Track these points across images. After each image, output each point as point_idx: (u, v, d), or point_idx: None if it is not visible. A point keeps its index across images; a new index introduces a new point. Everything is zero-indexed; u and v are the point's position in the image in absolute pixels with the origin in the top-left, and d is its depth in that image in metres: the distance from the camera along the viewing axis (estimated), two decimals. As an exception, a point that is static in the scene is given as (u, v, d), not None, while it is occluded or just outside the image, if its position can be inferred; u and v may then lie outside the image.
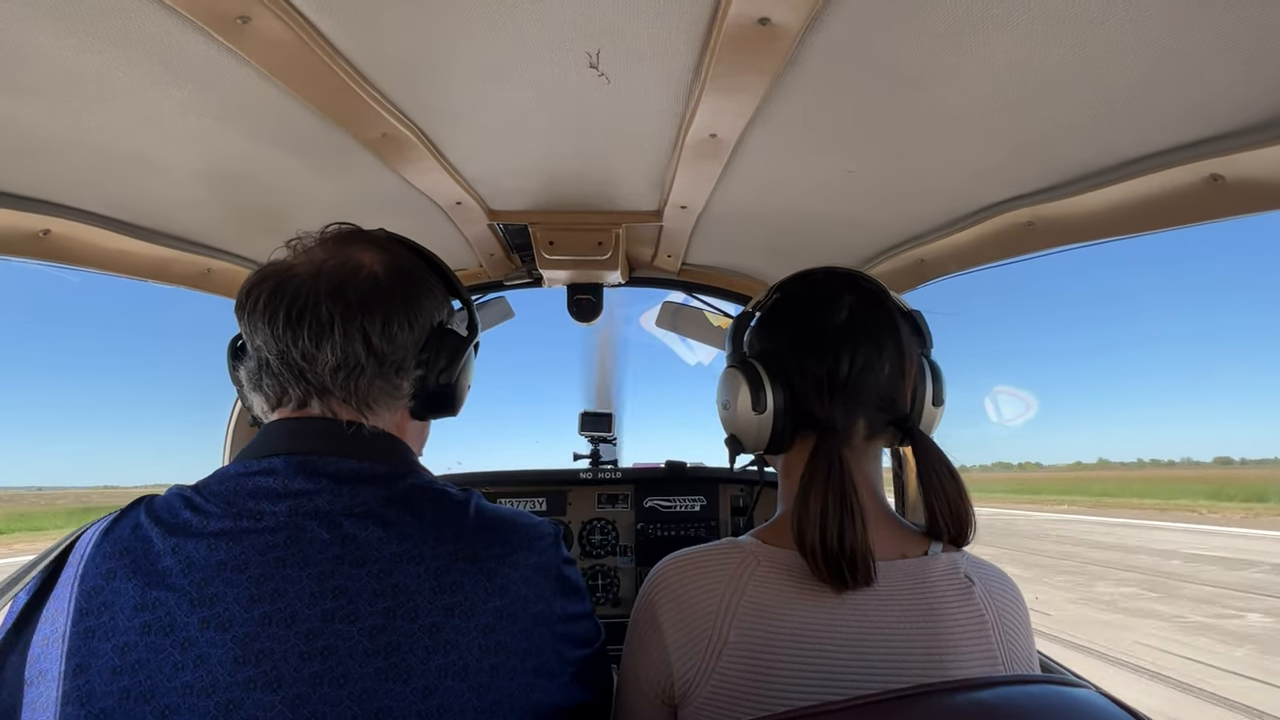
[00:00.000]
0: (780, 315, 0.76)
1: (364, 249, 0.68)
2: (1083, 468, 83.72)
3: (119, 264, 1.21)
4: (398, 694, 0.52)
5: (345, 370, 0.63)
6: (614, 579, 1.85)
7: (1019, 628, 0.68)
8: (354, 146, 0.93)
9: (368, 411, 0.65)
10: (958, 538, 0.68)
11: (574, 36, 0.68)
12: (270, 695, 0.50)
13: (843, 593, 0.62)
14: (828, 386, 0.70)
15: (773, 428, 0.71)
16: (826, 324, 0.71)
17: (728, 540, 0.70)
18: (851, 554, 0.60)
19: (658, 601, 0.68)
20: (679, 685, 0.64)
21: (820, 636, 0.61)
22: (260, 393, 0.65)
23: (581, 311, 1.70)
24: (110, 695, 0.50)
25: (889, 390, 0.71)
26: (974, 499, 0.69)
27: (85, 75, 0.72)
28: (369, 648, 0.52)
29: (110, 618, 0.52)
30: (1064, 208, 0.99)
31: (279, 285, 0.63)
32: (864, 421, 0.71)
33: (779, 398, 0.70)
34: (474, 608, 0.56)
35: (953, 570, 0.67)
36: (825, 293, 0.74)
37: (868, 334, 0.70)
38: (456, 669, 0.54)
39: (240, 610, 0.52)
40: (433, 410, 0.72)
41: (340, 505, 0.58)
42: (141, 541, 0.55)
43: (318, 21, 0.65)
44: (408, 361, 0.67)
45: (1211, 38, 0.62)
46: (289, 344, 0.62)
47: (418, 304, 0.68)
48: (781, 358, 0.73)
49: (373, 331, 0.63)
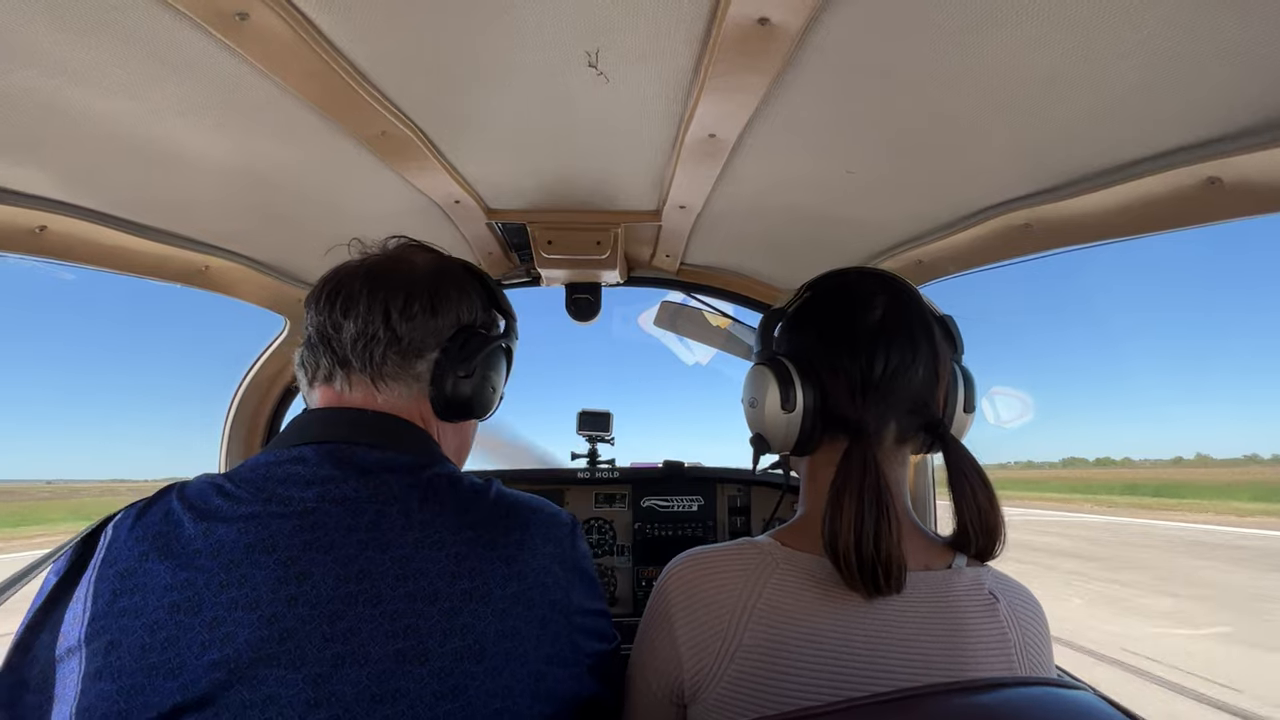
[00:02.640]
0: (812, 313, 0.74)
1: (420, 253, 0.76)
2: (1184, 465, 72.60)
3: (116, 261, 1.21)
4: (415, 675, 0.53)
5: (364, 341, 0.67)
6: (611, 578, 1.85)
7: (1042, 647, 0.66)
8: (352, 144, 0.93)
9: (380, 384, 0.68)
10: (985, 548, 0.66)
11: (573, 36, 0.68)
12: (293, 673, 0.51)
13: (874, 599, 0.61)
14: (860, 386, 0.68)
15: (801, 427, 0.69)
16: (860, 323, 0.69)
17: (745, 540, 0.69)
18: (887, 560, 0.59)
19: (672, 600, 0.67)
20: (689, 685, 0.63)
21: (836, 643, 0.60)
22: (304, 368, 0.71)
23: (580, 311, 1.70)
24: (139, 671, 0.51)
25: (923, 393, 0.69)
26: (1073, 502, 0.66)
27: (82, 71, 0.71)
28: (389, 629, 0.54)
29: (142, 598, 0.54)
30: (1062, 209, 1.00)
31: (332, 275, 0.72)
32: (895, 425, 0.69)
33: (809, 396, 0.68)
34: (491, 592, 0.58)
35: (977, 585, 0.65)
36: (859, 292, 0.72)
37: (902, 334, 0.68)
38: (473, 652, 0.55)
39: (267, 591, 0.54)
40: (454, 407, 0.72)
41: (366, 492, 0.60)
42: (173, 525, 0.58)
43: (316, 19, 0.65)
44: (426, 345, 0.70)
45: (1210, 40, 0.62)
46: (325, 317, 0.69)
47: (444, 294, 0.72)
48: (812, 356, 0.71)
49: (394, 307, 0.68)
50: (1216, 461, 75.79)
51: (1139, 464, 78.94)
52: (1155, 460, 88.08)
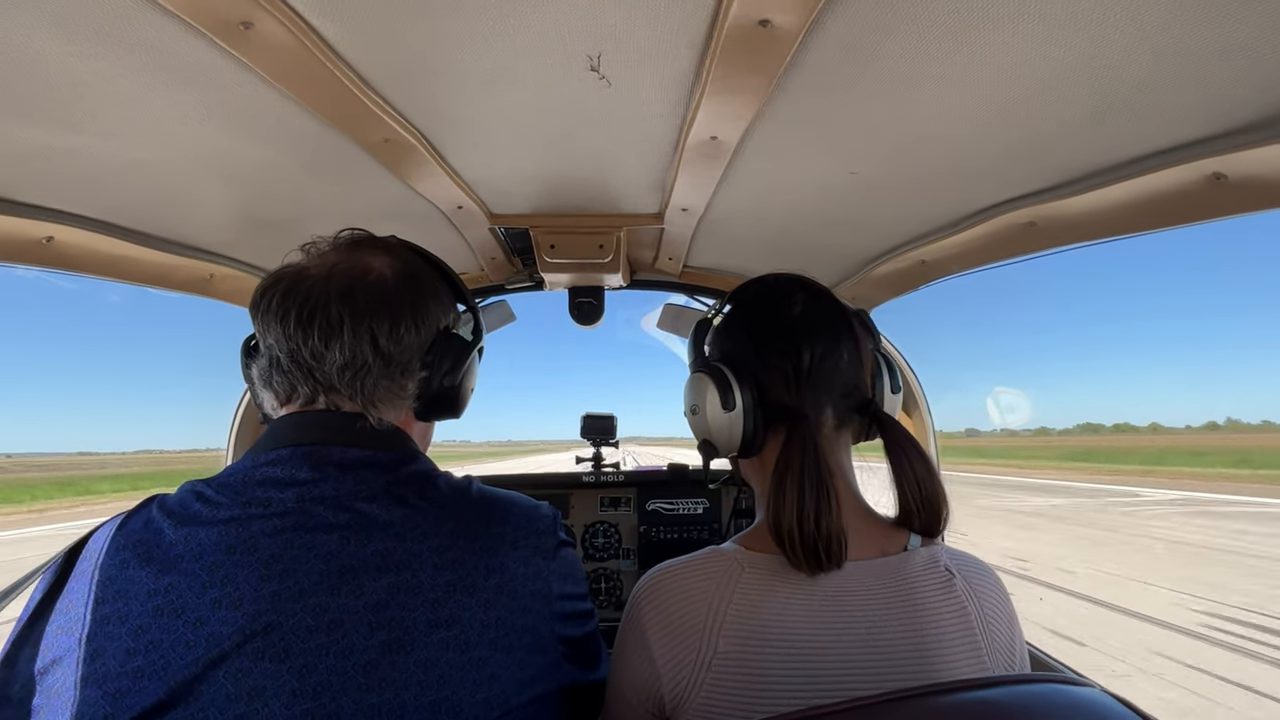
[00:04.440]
0: (739, 318, 0.80)
1: (375, 254, 0.71)
2: (1216, 430, 70.02)
3: (121, 270, 1.22)
4: (400, 665, 0.54)
5: (352, 370, 0.66)
6: (617, 582, 1.85)
7: (1000, 618, 0.68)
8: (356, 151, 0.93)
9: (373, 410, 0.67)
10: (930, 523, 0.69)
11: (575, 40, 0.68)
12: (278, 665, 0.52)
13: (816, 575, 0.63)
14: (794, 376, 0.72)
15: (744, 425, 0.72)
16: (784, 318, 0.74)
17: (711, 549, 0.70)
18: (828, 536, 0.62)
19: (644, 615, 0.67)
20: (669, 698, 0.64)
21: (808, 639, 0.61)
22: (270, 390, 0.68)
23: (583, 314, 1.70)
24: (125, 675, 0.51)
25: (851, 377, 0.74)
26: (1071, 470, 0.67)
27: (87, 82, 0.72)
28: (374, 620, 0.54)
29: (125, 604, 0.54)
30: (1066, 207, 0.99)
31: (292, 286, 0.66)
32: (831, 410, 0.73)
33: (748, 395, 0.72)
34: (475, 584, 0.59)
35: (932, 564, 0.67)
36: (778, 292, 0.77)
37: (823, 324, 0.74)
38: (458, 643, 0.56)
39: (250, 589, 0.54)
40: (436, 411, 0.74)
41: (345, 490, 0.60)
42: (153, 533, 0.57)
43: (320, 27, 0.65)
44: (413, 363, 0.70)
45: (1212, 36, 0.61)
46: (299, 343, 0.65)
47: (425, 308, 0.71)
48: (745, 356, 0.75)
49: (380, 333, 0.66)
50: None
51: (1167, 430, 71.84)
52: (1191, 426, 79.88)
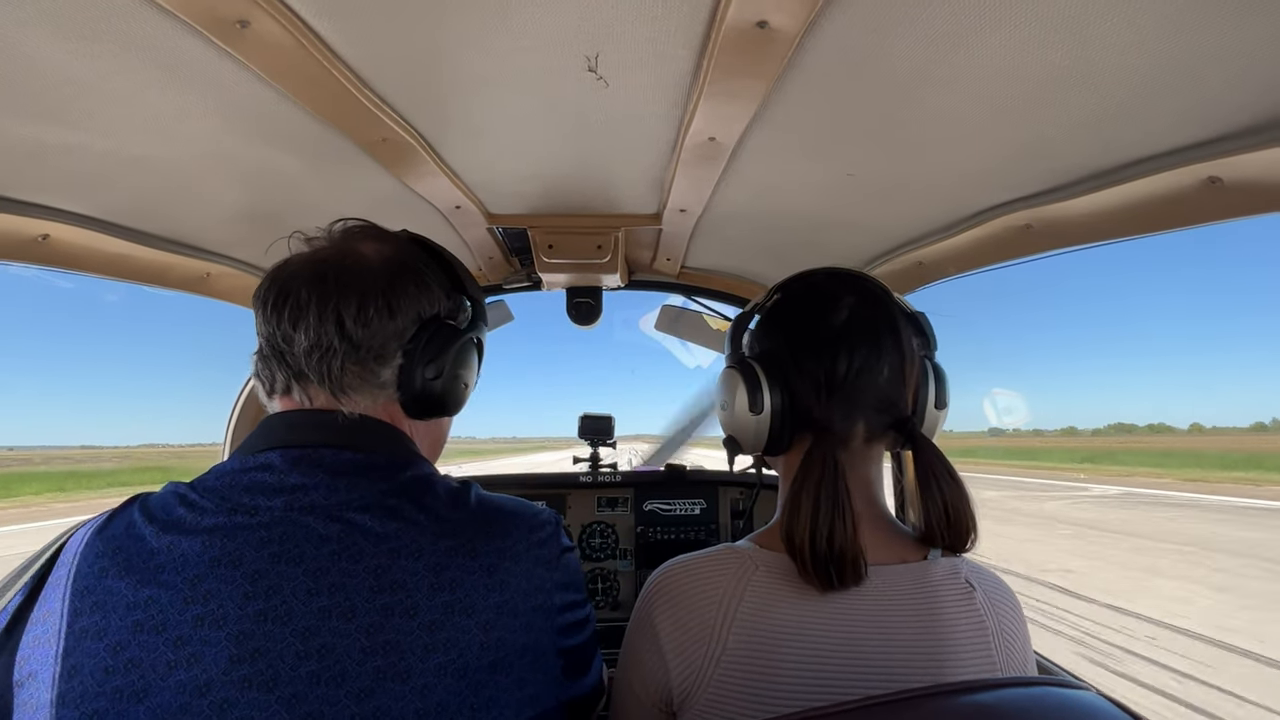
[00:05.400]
0: (780, 316, 0.75)
1: (369, 242, 0.68)
2: (1264, 430, 64.80)
3: (119, 268, 1.21)
4: (396, 693, 0.51)
5: (319, 353, 0.62)
6: (614, 582, 1.85)
7: (1017, 635, 0.67)
8: (353, 151, 0.93)
9: (343, 397, 0.64)
10: (954, 544, 0.67)
11: (573, 40, 0.68)
12: (266, 695, 0.49)
13: (828, 592, 0.62)
14: (825, 386, 0.69)
15: (770, 428, 0.70)
16: (825, 324, 0.70)
17: (725, 546, 0.70)
18: (840, 555, 0.60)
19: (655, 609, 0.67)
20: (677, 693, 0.63)
21: (819, 640, 0.61)
22: (259, 379, 0.66)
23: (581, 315, 1.70)
24: (103, 695, 0.49)
25: (889, 392, 0.70)
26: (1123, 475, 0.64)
27: (84, 80, 0.72)
28: (366, 645, 0.51)
29: (103, 617, 0.51)
30: (1062, 210, 1.00)
31: (275, 275, 0.65)
32: (863, 424, 0.70)
33: (776, 398, 0.70)
34: (474, 604, 0.55)
35: (953, 575, 0.66)
36: (825, 293, 0.73)
37: (867, 335, 0.70)
38: (456, 667, 0.53)
39: (234, 607, 0.51)
40: (424, 406, 0.69)
41: (336, 499, 0.57)
42: (134, 539, 0.54)
43: (317, 26, 0.65)
44: (388, 350, 0.65)
45: (1209, 40, 0.62)
46: (274, 327, 0.63)
47: (401, 292, 0.66)
48: (780, 358, 0.72)
49: (347, 315, 0.63)
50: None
51: (1210, 431, 67.01)
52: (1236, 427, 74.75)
